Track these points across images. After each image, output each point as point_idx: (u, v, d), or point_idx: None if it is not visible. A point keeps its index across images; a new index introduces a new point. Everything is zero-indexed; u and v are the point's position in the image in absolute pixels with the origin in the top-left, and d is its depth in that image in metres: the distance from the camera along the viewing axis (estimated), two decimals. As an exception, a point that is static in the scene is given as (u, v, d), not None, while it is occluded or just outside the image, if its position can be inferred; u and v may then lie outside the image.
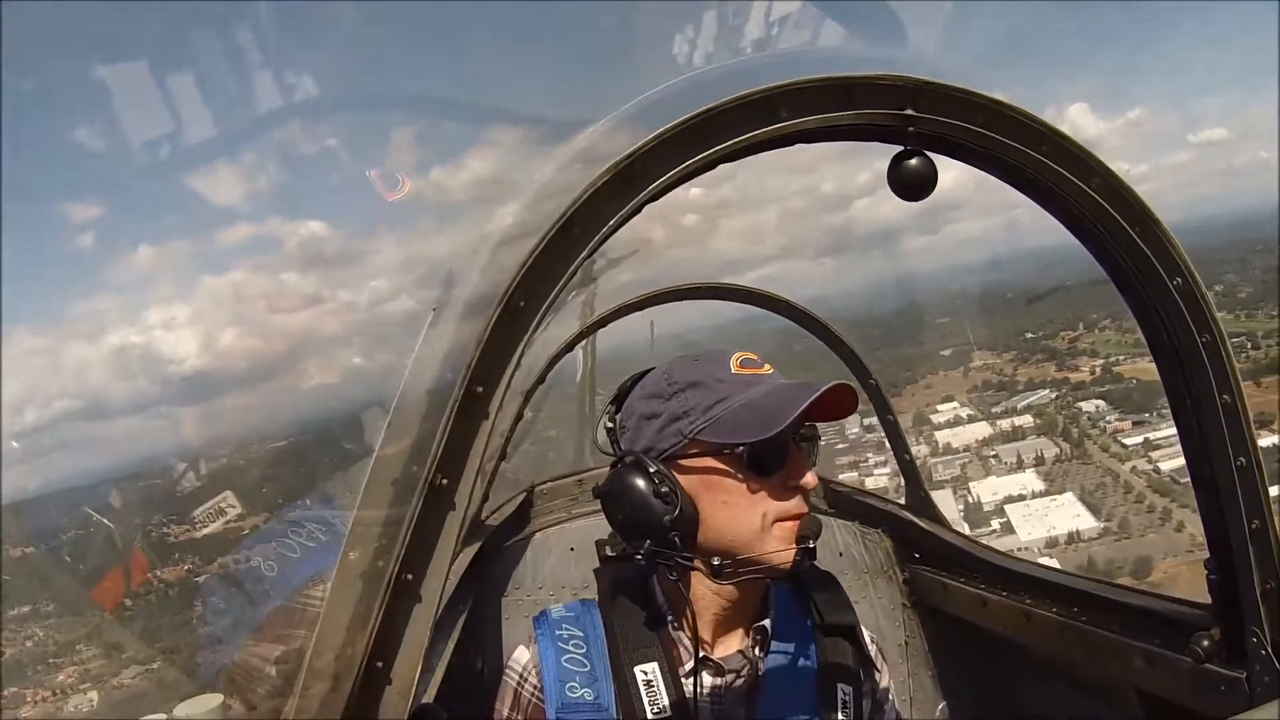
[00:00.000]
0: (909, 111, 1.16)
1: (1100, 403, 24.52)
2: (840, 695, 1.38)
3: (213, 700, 1.02)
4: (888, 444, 2.88)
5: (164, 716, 0.94)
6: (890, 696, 1.50)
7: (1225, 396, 1.34)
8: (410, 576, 0.98)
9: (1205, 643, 1.51)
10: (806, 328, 2.89)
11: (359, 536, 0.99)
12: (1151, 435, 22.52)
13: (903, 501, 2.81)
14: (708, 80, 1.16)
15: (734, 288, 2.92)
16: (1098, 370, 25.28)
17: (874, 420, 2.86)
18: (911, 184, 1.19)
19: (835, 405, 1.27)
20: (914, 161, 1.18)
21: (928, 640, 2.55)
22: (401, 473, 0.99)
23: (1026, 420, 24.28)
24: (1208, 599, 1.52)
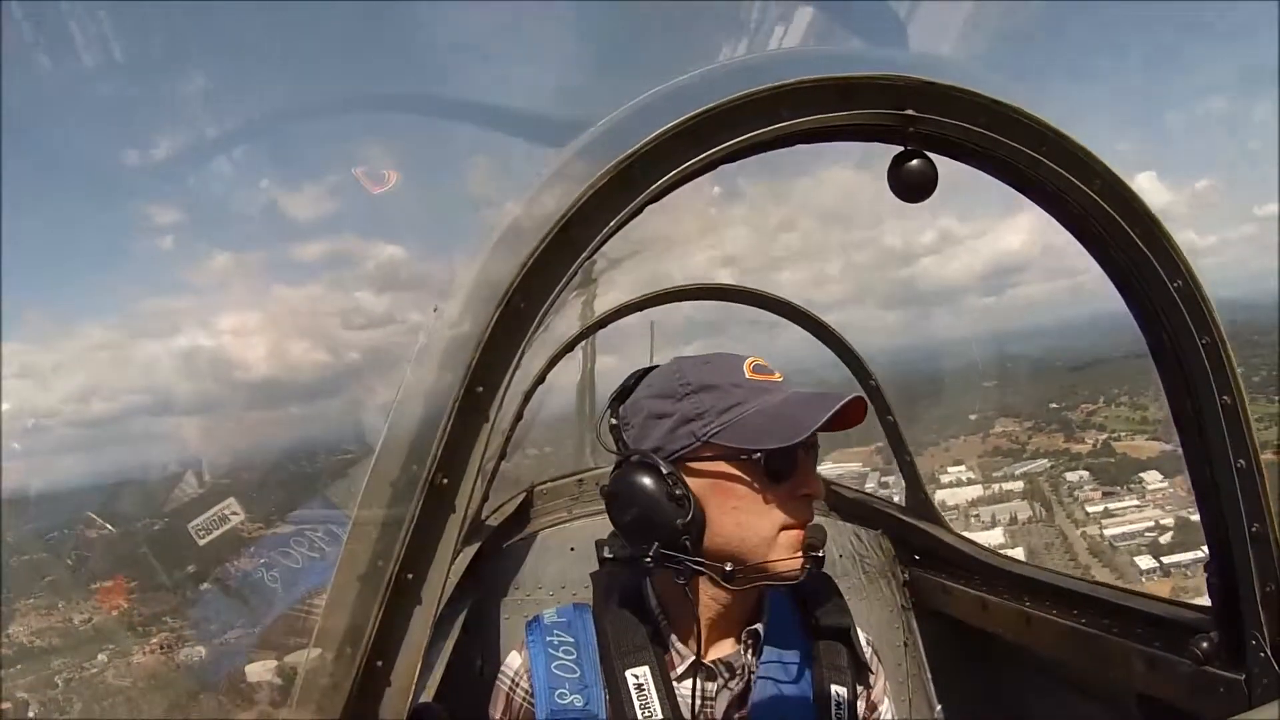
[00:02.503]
0: (909, 111, 1.16)
1: (1084, 473, 25.86)
2: (834, 698, 1.38)
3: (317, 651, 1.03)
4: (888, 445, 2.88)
5: (275, 662, 0.96)
6: (885, 699, 1.49)
7: (1225, 398, 1.34)
8: (410, 576, 0.98)
9: (1205, 645, 1.51)
10: (809, 330, 2.89)
11: (359, 537, 0.99)
12: (1112, 505, 24.08)
13: (903, 503, 2.81)
14: (708, 80, 1.15)
15: (734, 288, 2.92)
16: (1098, 444, 26.42)
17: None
18: (912, 185, 1.18)
19: (843, 417, 1.27)
20: (915, 163, 1.18)
21: (928, 642, 2.55)
22: (401, 473, 0.99)
23: (1017, 485, 25.72)
24: (1207, 602, 1.52)
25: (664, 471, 1.25)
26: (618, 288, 2.92)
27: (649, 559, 1.24)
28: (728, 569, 1.25)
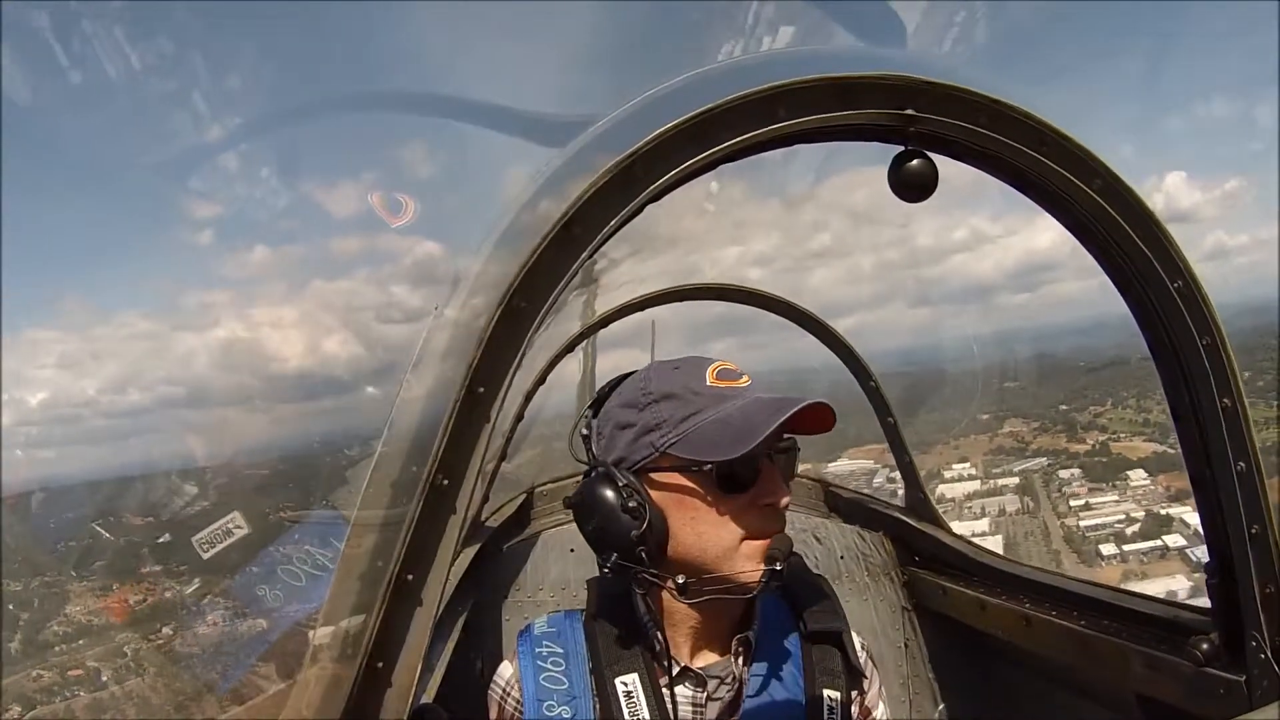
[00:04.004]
0: (910, 111, 1.15)
1: (1077, 471, 26.78)
2: (826, 703, 1.36)
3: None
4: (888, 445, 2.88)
5: (332, 628, 0.97)
6: (880, 703, 1.49)
7: (1225, 400, 1.34)
8: (411, 577, 0.98)
9: (1205, 646, 1.51)
10: (809, 330, 2.88)
11: (359, 537, 0.99)
12: (1093, 500, 25.18)
13: (902, 504, 2.81)
14: (708, 79, 1.15)
15: (735, 288, 2.91)
16: (1097, 444, 27.28)
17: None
18: (913, 185, 1.18)
19: (813, 419, 1.25)
20: (915, 163, 1.18)
21: (927, 643, 2.55)
22: (402, 474, 0.99)
23: (1012, 481, 26.65)
24: (1207, 603, 1.52)
25: (621, 483, 1.25)
26: (649, 282, 2.91)
27: (607, 569, 1.25)
28: (680, 581, 1.24)
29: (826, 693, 1.37)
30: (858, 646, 1.46)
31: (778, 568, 1.23)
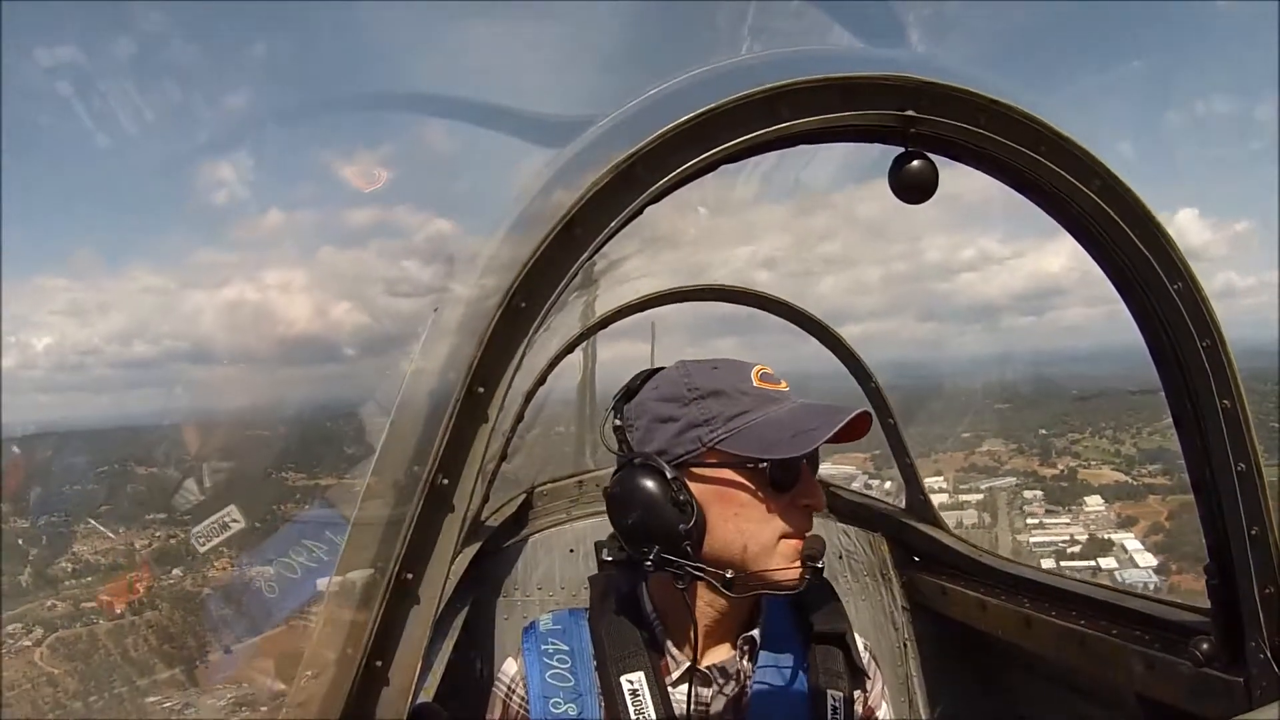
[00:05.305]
0: (910, 112, 1.15)
1: (1039, 493, 27.53)
2: (830, 703, 1.37)
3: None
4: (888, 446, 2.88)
5: (340, 578, 0.97)
6: (884, 704, 1.49)
7: (1226, 402, 1.34)
8: (410, 576, 0.97)
9: (1204, 647, 1.51)
10: (810, 332, 2.88)
11: (359, 536, 0.99)
12: (1047, 520, 26.16)
13: (902, 505, 2.81)
14: (709, 80, 1.15)
15: (735, 289, 2.91)
16: (1065, 470, 28.00)
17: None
18: (913, 185, 1.18)
19: (848, 428, 1.27)
20: (916, 164, 1.18)
21: (927, 644, 2.55)
22: (402, 473, 0.99)
23: (977, 497, 27.31)
24: (1207, 603, 1.52)
25: (668, 476, 1.24)
26: (652, 279, 2.90)
27: (649, 563, 1.24)
28: (728, 576, 1.24)
29: (830, 692, 1.38)
30: (861, 647, 1.46)
31: (819, 565, 1.26)
